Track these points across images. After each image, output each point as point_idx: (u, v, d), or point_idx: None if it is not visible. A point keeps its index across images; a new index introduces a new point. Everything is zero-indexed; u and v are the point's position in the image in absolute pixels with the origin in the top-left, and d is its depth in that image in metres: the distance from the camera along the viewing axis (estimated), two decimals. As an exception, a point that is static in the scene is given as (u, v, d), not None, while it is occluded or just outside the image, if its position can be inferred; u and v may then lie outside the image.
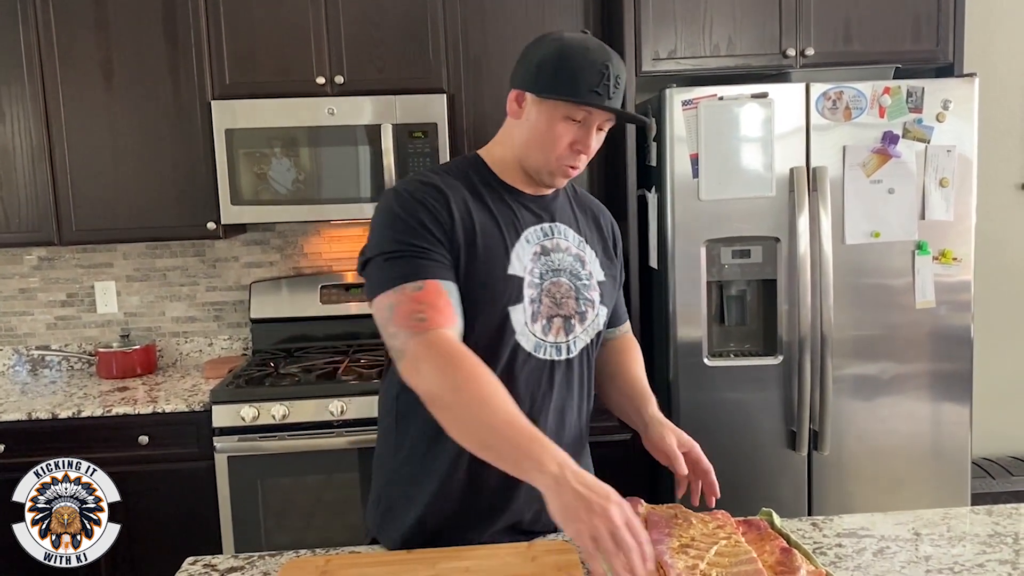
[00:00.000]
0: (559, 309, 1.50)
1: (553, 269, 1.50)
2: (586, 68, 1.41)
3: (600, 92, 1.40)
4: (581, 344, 1.54)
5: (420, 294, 1.36)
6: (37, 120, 2.87)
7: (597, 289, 1.56)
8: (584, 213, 1.63)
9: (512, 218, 1.49)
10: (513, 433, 1.25)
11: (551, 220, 1.54)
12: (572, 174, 1.50)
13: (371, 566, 1.39)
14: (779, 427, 2.68)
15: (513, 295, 1.45)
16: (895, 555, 1.42)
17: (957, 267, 2.67)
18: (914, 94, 2.60)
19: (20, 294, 3.30)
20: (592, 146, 1.47)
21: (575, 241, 1.56)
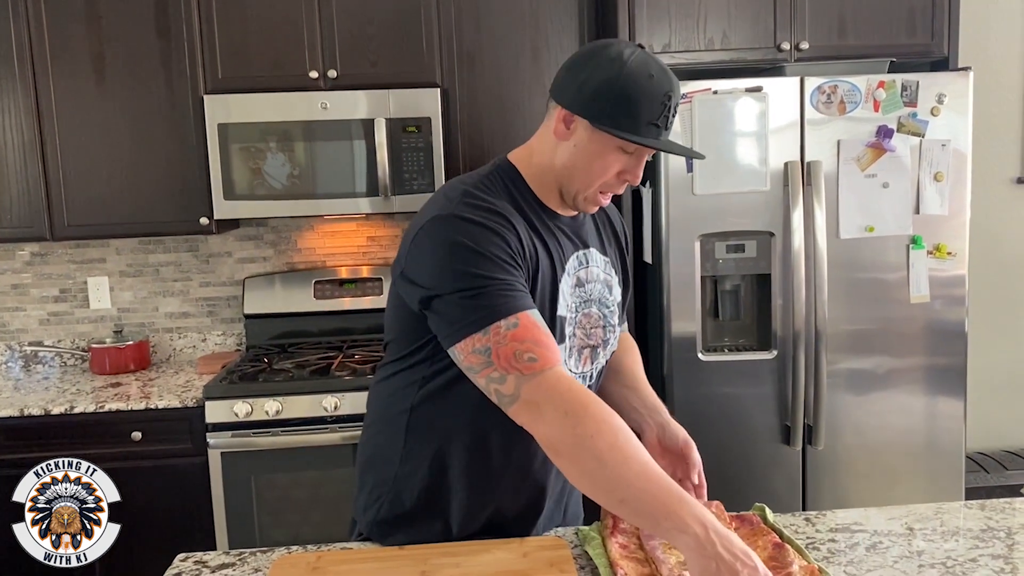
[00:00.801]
0: (588, 340, 1.47)
1: (585, 300, 1.46)
2: (648, 100, 1.30)
3: (659, 124, 1.32)
4: (599, 368, 1.52)
5: (518, 332, 1.25)
6: (28, 115, 2.86)
7: (618, 311, 1.53)
8: (603, 224, 1.57)
9: (558, 248, 1.41)
10: (653, 488, 1.17)
11: (584, 246, 1.47)
12: (605, 202, 1.44)
13: (362, 562, 1.39)
14: (773, 422, 2.68)
15: (559, 335, 1.39)
16: (888, 550, 1.42)
17: (952, 261, 2.66)
18: (909, 88, 2.59)
19: (12, 290, 3.29)
20: (640, 176, 1.40)
21: (602, 265, 1.51)
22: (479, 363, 1.26)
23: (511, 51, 2.93)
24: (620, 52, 1.33)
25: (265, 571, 1.41)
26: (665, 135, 1.34)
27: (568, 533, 1.52)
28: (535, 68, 2.94)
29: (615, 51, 1.33)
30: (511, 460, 1.45)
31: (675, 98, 1.33)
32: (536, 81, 2.94)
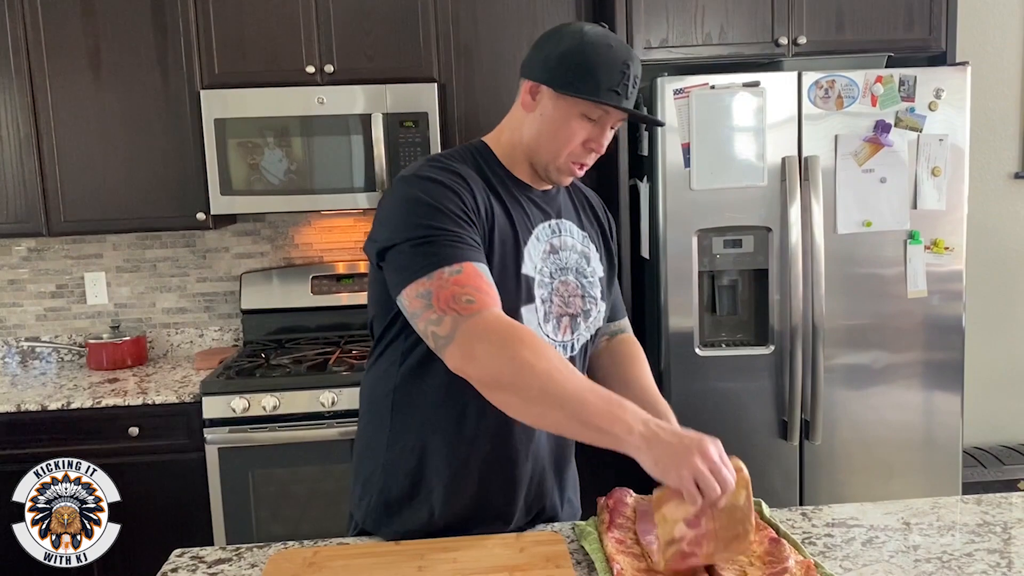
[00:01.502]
0: (567, 308, 1.49)
1: (561, 268, 1.49)
2: (607, 66, 1.38)
3: (619, 91, 1.38)
4: (582, 341, 1.53)
5: (461, 277, 1.28)
6: (24, 109, 2.85)
7: (599, 286, 1.55)
8: (583, 206, 1.61)
9: (523, 214, 1.46)
10: (594, 399, 1.21)
11: (557, 216, 1.52)
12: (579, 173, 1.48)
13: (359, 557, 1.38)
14: (770, 417, 2.68)
15: (525, 295, 1.43)
16: (884, 545, 1.42)
17: (949, 256, 2.67)
18: (906, 83, 2.59)
19: (9, 285, 3.29)
20: (606, 144, 1.45)
21: (579, 238, 1.54)
22: (420, 307, 1.30)
23: (508, 46, 2.92)
24: (581, 27, 1.42)
25: (261, 566, 1.41)
26: (627, 103, 1.40)
27: (565, 528, 1.52)
28: (532, 63, 2.93)
29: (576, 27, 1.43)
30: (488, 432, 1.45)
31: (634, 68, 1.40)
32: (533, 76, 2.93)
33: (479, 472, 1.47)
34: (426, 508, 1.48)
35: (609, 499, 1.51)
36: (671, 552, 1.22)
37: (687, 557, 1.22)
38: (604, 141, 1.44)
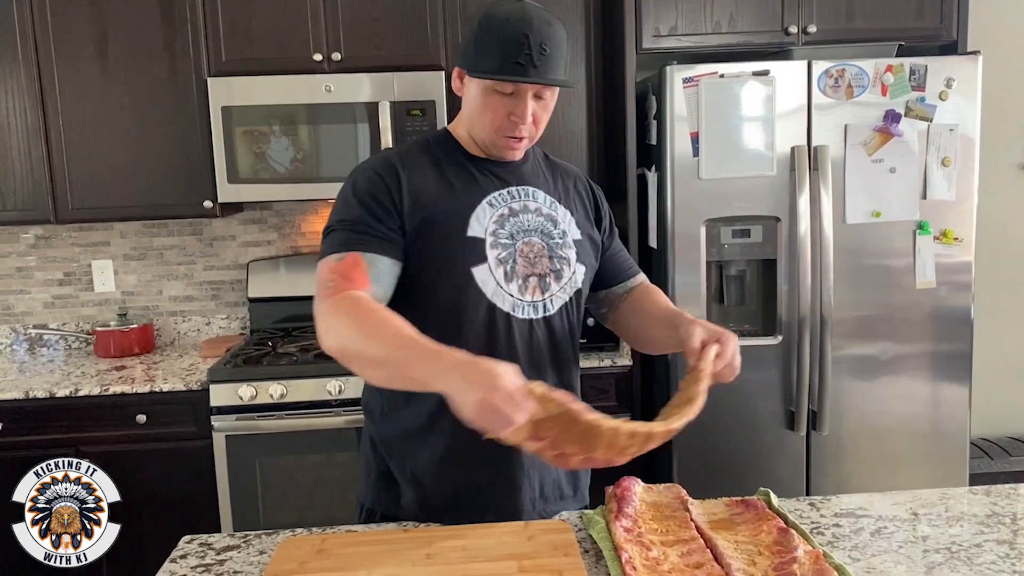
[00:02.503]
0: (533, 268, 1.52)
1: (524, 229, 1.53)
2: (506, 40, 1.41)
3: (522, 62, 1.41)
4: (559, 302, 1.55)
5: (338, 265, 1.42)
6: (32, 97, 2.85)
7: (572, 247, 1.57)
8: (557, 176, 1.65)
9: (472, 184, 1.53)
10: (403, 353, 1.27)
11: (518, 184, 1.57)
12: (518, 145, 1.52)
13: (368, 544, 1.39)
14: (778, 407, 2.67)
15: (474, 256, 1.48)
16: (892, 535, 1.41)
17: (958, 247, 2.65)
18: (917, 72, 2.57)
19: (17, 273, 3.29)
20: (528, 114, 1.46)
21: (545, 201, 1.58)
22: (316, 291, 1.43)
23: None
24: (490, 7, 1.46)
25: (270, 553, 1.41)
26: (534, 72, 1.41)
27: (572, 517, 1.52)
28: (540, 51, 2.91)
29: (488, 8, 1.47)
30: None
31: (535, 37, 1.41)
32: (541, 64, 2.92)
33: (465, 455, 1.50)
34: (414, 487, 1.54)
35: (617, 488, 1.51)
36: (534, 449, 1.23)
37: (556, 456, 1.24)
38: (524, 112, 1.45)
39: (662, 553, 1.32)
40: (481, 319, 1.49)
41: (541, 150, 1.69)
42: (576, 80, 2.93)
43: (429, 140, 1.59)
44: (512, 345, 1.50)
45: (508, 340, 1.50)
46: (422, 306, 1.51)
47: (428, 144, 1.58)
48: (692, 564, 1.28)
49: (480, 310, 1.49)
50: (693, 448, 2.68)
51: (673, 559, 1.30)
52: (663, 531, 1.39)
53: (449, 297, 1.49)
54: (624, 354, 2.82)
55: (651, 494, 1.53)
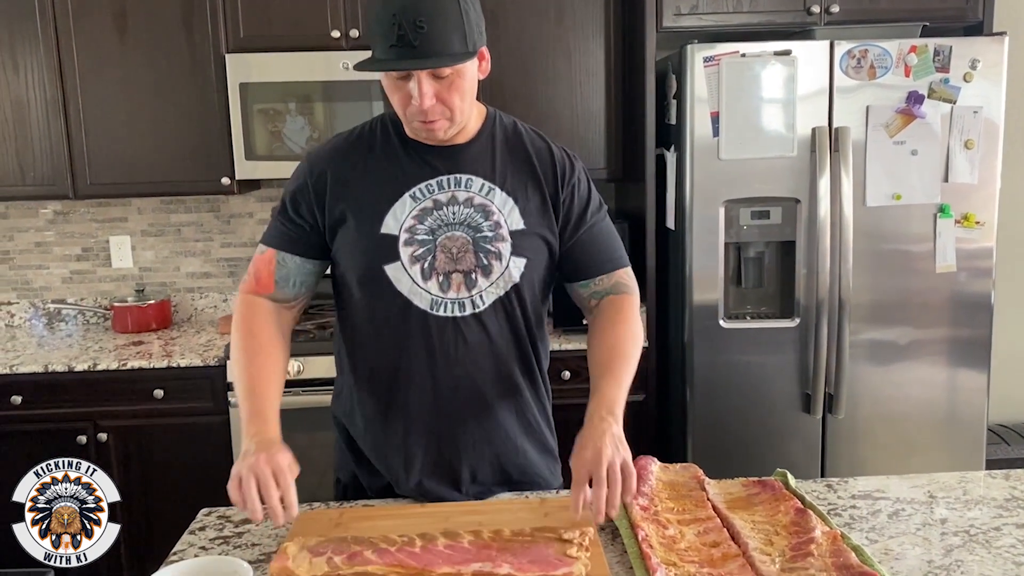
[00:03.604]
0: (456, 264, 1.46)
1: (447, 223, 1.47)
2: (381, 25, 1.33)
3: (399, 44, 1.32)
4: (491, 298, 1.48)
5: (258, 258, 1.55)
6: (51, 72, 2.85)
7: (507, 240, 1.48)
8: (513, 156, 1.53)
9: (398, 175, 1.48)
10: (242, 401, 1.46)
11: (449, 172, 1.48)
12: (435, 127, 1.41)
13: (385, 519, 1.40)
14: (794, 390, 2.66)
15: (387, 254, 1.46)
16: (910, 517, 1.41)
17: (980, 231, 2.62)
18: (941, 53, 2.54)
19: (36, 248, 3.31)
20: (427, 97, 1.36)
21: (480, 190, 1.49)
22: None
23: (535, 12, 2.88)
24: None
25: (288, 526, 1.42)
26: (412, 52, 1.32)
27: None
28: (559, 29, 2.90)
29: None
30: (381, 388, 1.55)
31: (408, 15, 1.30)
32: (559, 42, 2.90)
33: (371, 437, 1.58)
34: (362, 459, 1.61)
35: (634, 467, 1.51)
36: None
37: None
38: (422, 94, 1.36)
39: (679, 531, 1.32)
40: (395, 317, 1.48)
41: (514, 123, 1.58)
42: (595, 60, 2.90)
43: (374, 124, 1.54)
44: (429, 343, 1.48)
45: (425, 338, 1.48)
46: (346, 302, 1.56)
47: (370, 129, 1.54)
48: (709, 543, 1.28)
49: (394, 308, 1.47)
50: (708, 429, 2.68)
51: (690, 537, 1.30)
52: (680, 510, 1.40)
53: (364, 295, 1.50)
54: (640, 335, 2.81)
55: (668, 473, 1.53)
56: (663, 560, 1.22)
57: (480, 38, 1.40)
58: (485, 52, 1.44)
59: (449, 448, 1.52)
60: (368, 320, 1.52)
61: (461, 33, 1.35)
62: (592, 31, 2.90)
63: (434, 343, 1.48)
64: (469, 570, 1.19)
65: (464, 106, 1.42)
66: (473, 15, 1.38)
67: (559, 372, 2.73)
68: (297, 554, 1.23)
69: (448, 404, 1.51)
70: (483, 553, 1.23)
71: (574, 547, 1.23)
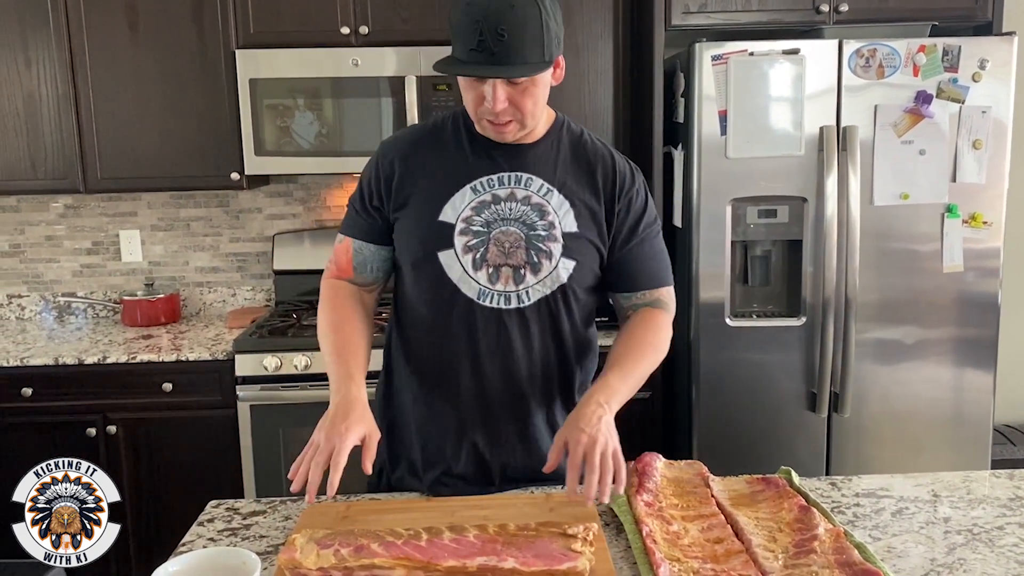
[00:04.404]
0: (507, 259, 1.50)
1: (503, 218, 1.51)
2: (464, 28, 1.37)
3: (479, 49, 1.35)
4: (537, 295, 1.52)
5: (337, 247, 1.63)
6: (63, 66, 2.87)
7: (559, 241, 1.51)
8: (576, 162, 1.57)
9: (461, 168, 1.53)
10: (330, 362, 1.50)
11: (512, 169, 1.53)
12: (505, 130, 1.46)
13: (391, 512, 1.41)
14: (800, 388, 2.67)
15: (442, 241, 1.50)
16: (913, 516, 1.42)
17: (987, 231, 2.62)
18: (950, 53, 2.54)
19: (46, 241, 3.34)
20: (499, 100, 1.40)
21: (540, 190, 1.53)
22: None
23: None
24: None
25: (295, 519, 1.44)
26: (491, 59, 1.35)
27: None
28: (568, 28, 2.87)
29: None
30: (416, 382, 1.60)
31: (491, 22, 1.34)
32: (568, 41, 2.89)
33: (414, 421, 1.61)
34: (405, 460, 1.64)
35: (639, 463, 1.52)
36: None
37: None
38: (494, 98, 1.40)
39: (683, 528, 1.33)
40: (444, 303, 1.52)
41: (581, 131, 1.63)
42: (603, 58, 2.91)
43: (446, 118, 1.60)
44: (473, 331, 1.52)
45: (469, 326, 1.52)
46: (402, 286, 1.61)
47: (442, 123, 1.59)
48: (712, 539, 1.29)
49: (444, 294, 1.52)
50: (714, 427, 2.69)
51: (694, 534, 1.31)
52: (684, 506, 1.40)
53: (416, 279, 1.55)
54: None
55: (672, 470, 1.54)
56: (667, 555, 1.23)
57: (558, 48, 1.44)
58: (561, 60, 1.47)
59: (483, 441, 1.57)
60: (418, 304, 1.57)
61: (540, 43, 1.38)
62: (600, 29, 2.91)
63: (478, 332, 1.52)
64: (474, 564, 1.20)
65: (536, 111, 1.47)
66: (554, 26, 1.41)
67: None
68: (305, 545, 1.24)
69: (487, 395, 1.56)
70: (488, 547, 1.24)
71: (579, 542, 1.24)
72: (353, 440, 1.34)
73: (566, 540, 1.25)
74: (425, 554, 1.22)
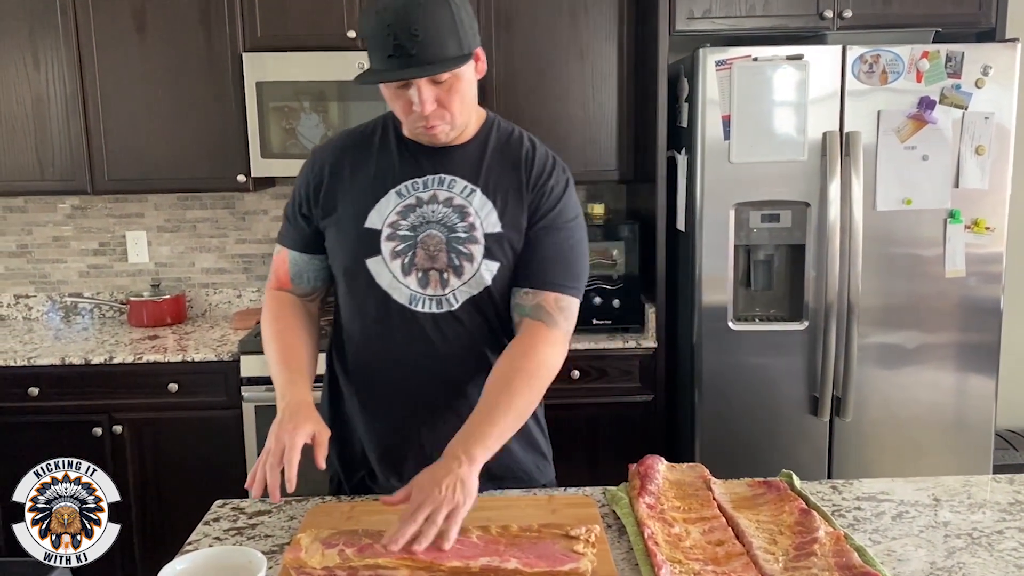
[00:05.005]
0: (433, 262, 1.50)
1: (427, 221, 1.50)
2: (376, 37, 1.35)
3: (396, 55, 1.33)
4: (464, 297, 1.51)
5: (275, 258, 1.64)
6: (71, 68, 2.89)
7: (480, 242, 1.49)
8: (502, 161, 1.54)
9: (387, 173, 1.52)
10: (275, 375, 1.51)
11: (434, 171, 1.51)
12: (435, 131, 1.44)
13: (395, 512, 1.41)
14: (802, 393, 2.68)
15: (369, 248, 1.50)
16: (914, 520, 1.43)
17: (990, 237, 2.63)
18: (953, 59, 2.55)
19: (54, 242, 3.36)
20: (427, 103, 1.38)
21: (462, 191, 1.51)
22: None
23: (549, 12, 2.91)
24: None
25: (299, 519, 1.45)
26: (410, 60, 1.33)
27: (596, 492, 1.55)
28: (572, 30, 2.92)
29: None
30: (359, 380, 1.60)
31: (402, 23, 1.32)
32: (573, 43, 2.93)
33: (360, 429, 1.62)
34: (349, 449, 1.65)
35: (641, 466, 1.53)
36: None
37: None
38: (423, 101, 1.38)
39: (684, 530, 1.34)
40: (378, 311, 1.52)
41: (512, 130, 1.58)
42: (608, 62, 2.92)
43: (377, 124, 1.59)
44: (409, 338, 1.51)
45: (406, 332, 1.51)
46: (340, 294, 1.60)
47: (372, 128, 1.58)
48: (714, 541, 1.30)
49: (376, 302, 1.51)
50: (716, 430, 2.70)
51: (695, 536, 1.32)
52: (685, 508, 1.42)
53: (348, 288, 1.56)
54: (649, 336, 2.84)
55: (674, 473, 1.55)
56: (668, 557, 1.24)
57: (474, 39, 1.42)
58: (480, 53, 1.45)
59: (429, 444, 1.53)
60: (353, 314, 1.57)
61: (456, 37, 1.37)
62: (605, 33, 2.92)
63: (413, 338, 1.52)
64: (477, 564, 1.21)
65: (464, 109, 1.45)
66: (465, 17, 1.39)
67: (568, 372, 2.75)
68: (310, 545, 1.25)
69: (430, 399, 1.55)
70: (491, 548, 1.25)
71: (581, 543, 1.25)
72: (303, 437, 1.36)
73: (568, 541, 1.26)
74: (428, 554, 1.23)
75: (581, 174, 3.00)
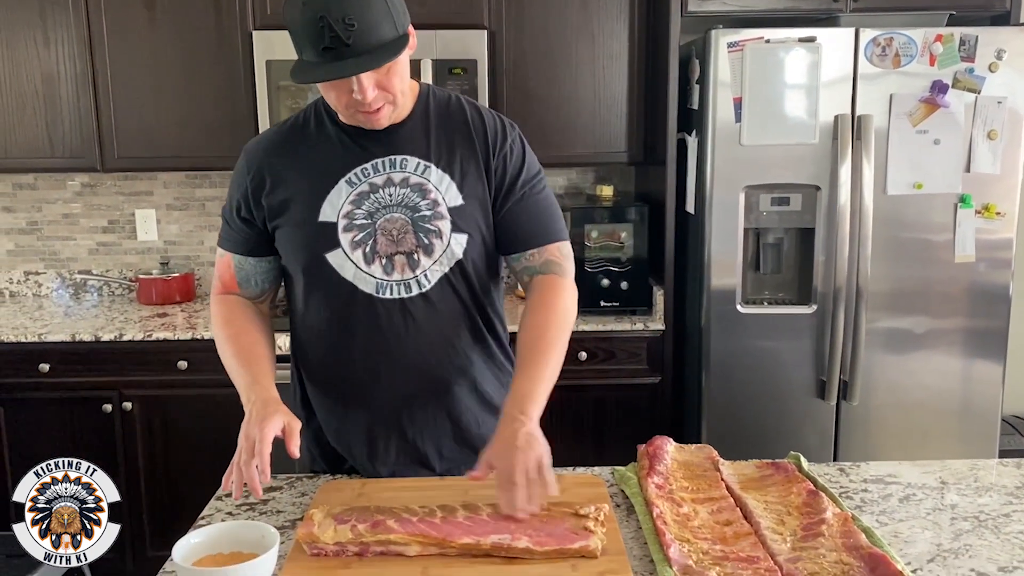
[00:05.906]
0: (398, 246, 1.47)
1: (385, 206, 1.47)
2: (306, 28, 1.29)
3: (332, 46, 1.28)
4: (436, 275, 1.49)
5: (219, 262, 1.60)
6: (81, 46, 2.89)
7: (446, 217, 1.47)
8: (447, 130, 1.51)
9: (334, 163, 1.48)
10: (235, 376, 1.51)
11: (384, 154, 1.48)
12: (379, 116, 1.41)
13: (406, 490, 1.43)
14: (809, 376, 2.68)
15: (326, 242, 1.46)
16: (920, 502, 1.43)
17: (1000, 222, 2.62)
18: (967, 42, 2.53)
19: (63, 219, 3.37)
20: (368, 90, 1.35)
21: (417, 168, 1.48)
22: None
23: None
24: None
25: (310, 495, 1.47)
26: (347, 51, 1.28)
27: (604, 472, 1.56)
28: (583, 14, 2.90)
29: None
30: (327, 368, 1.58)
31: (336, 12, 1.27)
32: (583, 27, 2.91)
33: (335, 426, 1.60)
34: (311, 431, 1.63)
35: (650, 446, 1.54)
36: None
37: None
38: (363, 89, 1.34)
39: (692, 510, 1.35)
40: (343, 304, 1.49)
41: (450, 96, 1.56)
42: (619, 43, 2.91)
43: (307, 113, 1.53)
44: (378, 327, 1.49)
45: (373, 322, 1.49)
46: (295, 294, 1.57)
47: (304, 119, 1.53)
48: (722, 521, 1.31)
49: (340, 295, 1.48)
50: (723, 413, 2.71)
51: (703, 516, 1.33)
52: (694, 489, 1.43)
53: (309, 285, 1.51)
54: (657, 318, 2.84)
55: (683, 453, 1.56)
56: (677, 537, 1.25)
57: (406, 17, 1.38)
58: (411, 29, 1.40)
59: (412, 430, 1.54)
60: (317, 310, 1.53)
61: (390, 19, 1.32)
62: (616, 14, 2.91)
63: (383, 327, 1.49)
64: (488, 541, 1.22)
65: (404, 87, 1.42)
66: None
67: (576, 353, 2.76)
68: (322, 521, 1.27)
69: (405, 387, 1.53)
70: (501, 526, 1.26)
71: (590, 522, 1.26)
72: (273, 430, 1.34)
73: (578, 520, 1.27)
74: (440, 531, 1.24)
75: (590, 156, 3.01)
